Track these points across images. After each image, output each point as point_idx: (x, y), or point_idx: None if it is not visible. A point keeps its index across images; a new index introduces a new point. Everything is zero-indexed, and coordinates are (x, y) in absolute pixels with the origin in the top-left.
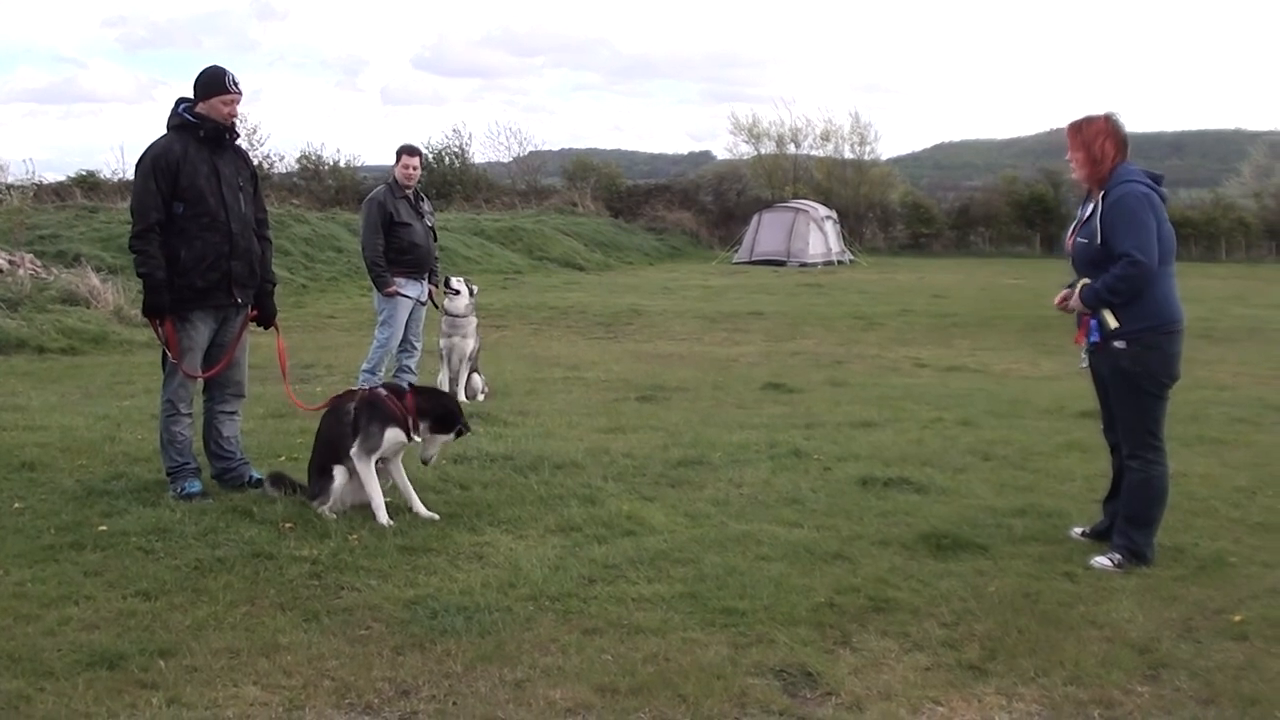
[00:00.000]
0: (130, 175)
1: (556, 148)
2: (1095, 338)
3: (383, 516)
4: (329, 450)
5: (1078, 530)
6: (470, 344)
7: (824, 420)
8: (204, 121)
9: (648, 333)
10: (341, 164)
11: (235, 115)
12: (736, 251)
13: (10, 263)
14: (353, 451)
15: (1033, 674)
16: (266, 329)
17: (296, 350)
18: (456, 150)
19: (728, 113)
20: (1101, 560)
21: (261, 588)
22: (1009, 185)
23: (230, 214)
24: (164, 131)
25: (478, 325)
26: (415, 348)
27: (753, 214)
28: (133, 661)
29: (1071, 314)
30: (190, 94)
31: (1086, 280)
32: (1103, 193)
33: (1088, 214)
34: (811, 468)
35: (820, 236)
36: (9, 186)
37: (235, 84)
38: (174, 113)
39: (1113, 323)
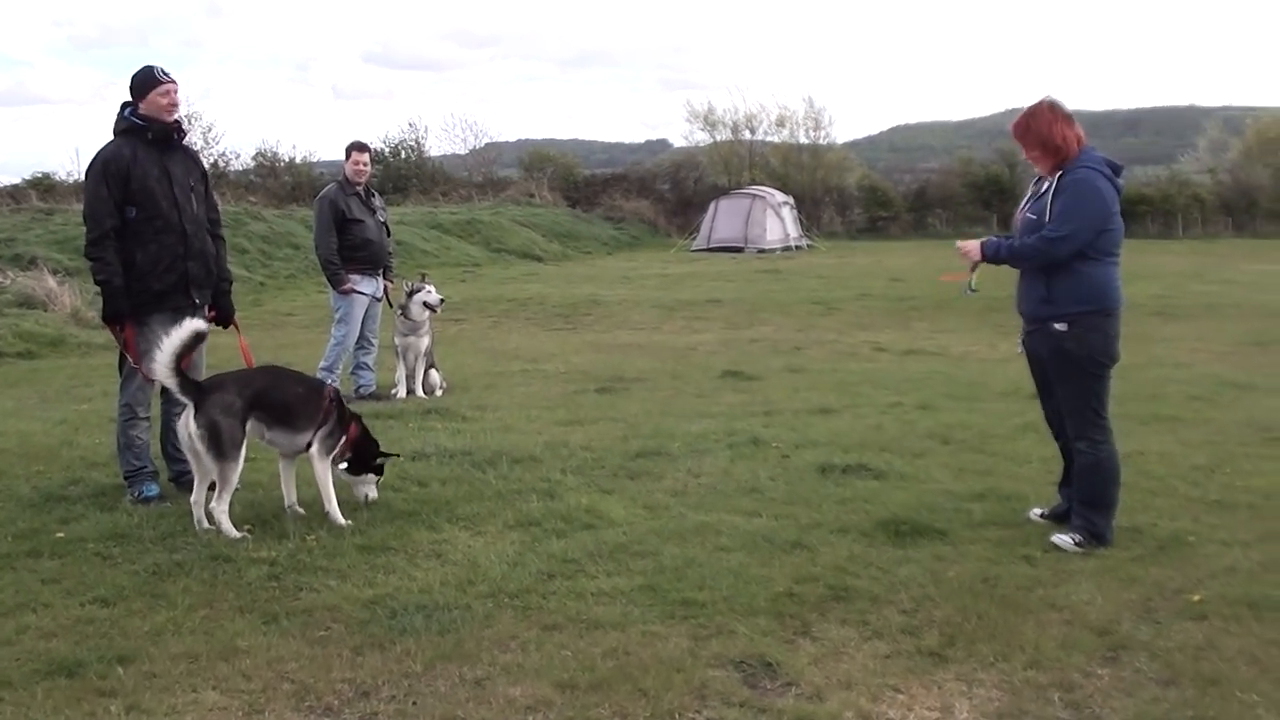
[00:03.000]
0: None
1: (513, 139)
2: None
3: (338, 516)
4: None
5: (1036, 512)
6: (426, 341)
7: (782, 407)
8: (150, 123)
9: (606, 323)
10: (297, 160)
11: (176, 105)
12: (694, 239)
13: None
14: (313, 450)
15: (992, 659)
16: (225, 328)
17: (256, 348)
18: (412, 144)
19: (682, 100)
20: (1063, 538)
21: (220, 591)
22: (965, 166)
23: (183, 215)
24: (111, 137)
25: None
26: (372, 345)
27: (710, 201)
28: (91, 669)
29: (967, 260)
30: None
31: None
32: (1061, 172)
33: (1043, 190)
34: (770, 456)
35: (778, 222)
36: None
37: (165, 73)
38: (120, 117)
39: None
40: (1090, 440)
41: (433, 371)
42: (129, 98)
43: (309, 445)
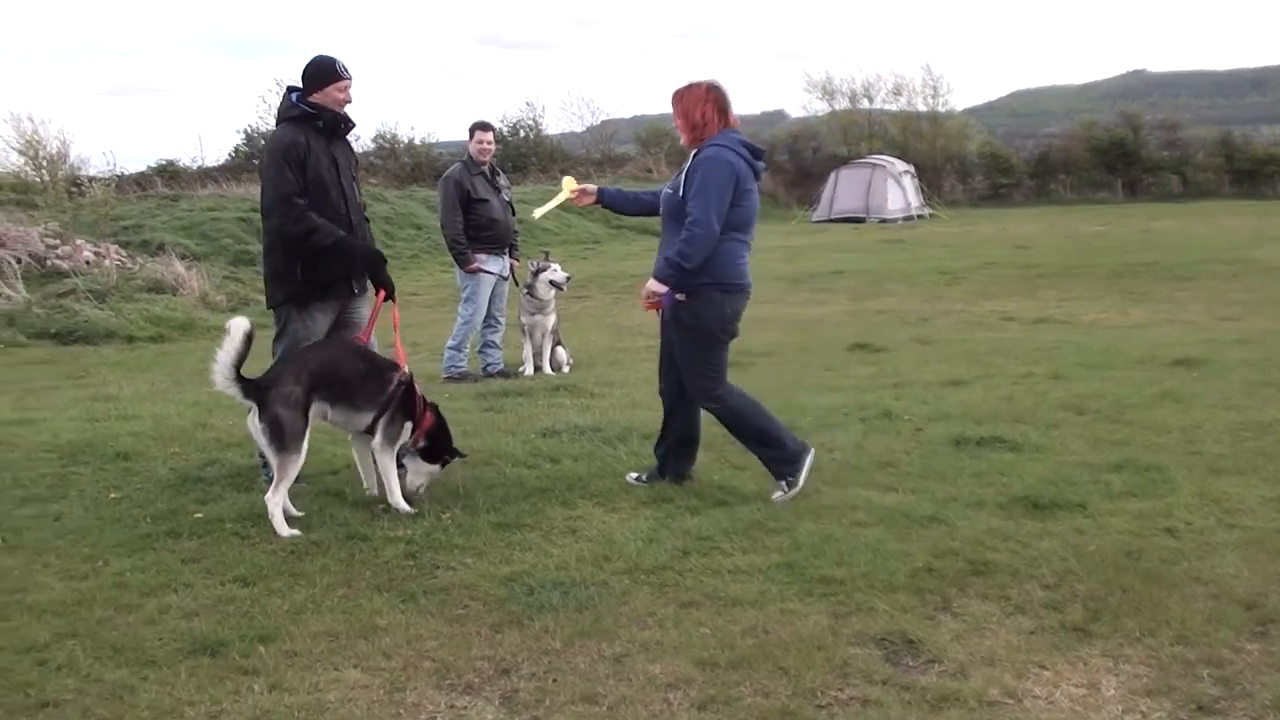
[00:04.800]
0: (208, 163)
1: (628, 115)
2: (669, 301)
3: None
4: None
5: (633, 476)
6: (552, 319)
7: (912, 380)
8: (321, 112)
9: None
10: (416, 141)
11: (350, 100)
12: (815, 210)
13: (96, 254)
14: (377, 437)
15: (1138, 634)
16: (394, 301)
17: (382, 329)
18: (530, 123)
19: (798, 70)
20: (776, 494)
21: (358, 570)
22: (1088, 131)
23: (349, 205)
24: (276, 122)
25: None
26: (499, 323)
27: (829, 171)
28: (233, 648)
29: (654, 301)
30: (299, 84)
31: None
32: (694, 152)
33: (684, 169)
34: (903, 429)
35: (899, 191)
36: (91, 179)
37: (345, 69)
38: (289, 103)
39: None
40: (714, 398)
41: (559, 349)
42: (297, 84)
43: (372, 428)
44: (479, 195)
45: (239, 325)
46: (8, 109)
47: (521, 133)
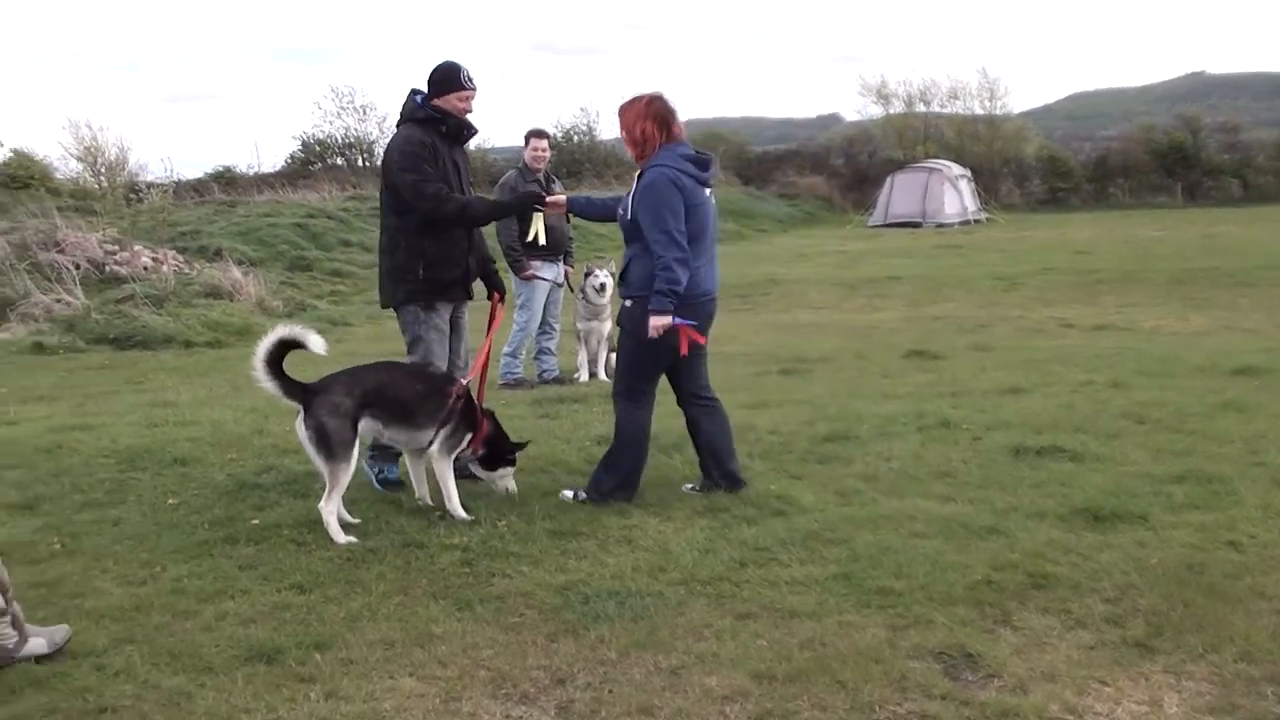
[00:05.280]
0: (265, 169)
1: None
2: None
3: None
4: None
5: (689, 486)
6: (608, 325)
7: (971, 387)
8: (446, 116)
9: (786, 302)
10: (471, 147)
11: (470, 111)
12: (871, 215)
13: (155, 260)
14: (434, 447)
15: (1201, 650)
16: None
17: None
18: (584, 128)
19: (853, 74)
20: (566, 492)
21: (414, 577)
22: (1146, 134)
23: None
24: (400, 122)
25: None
26: (554, 329)
27: (885, 176)
28: (290, 655)
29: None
30: (425, 88)
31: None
32: (639, 172)
33: (631, 190)
34: (961, 438)
35: (955, 196)
36: (149, 185)
37: (470, 79)
38: (415, 104)
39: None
40: (623, 404)
41: (614, 355)
42: (422, 86)
43: (432, 443)
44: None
45: (284, 326)
46: (67, 117)
47: (575, 138)
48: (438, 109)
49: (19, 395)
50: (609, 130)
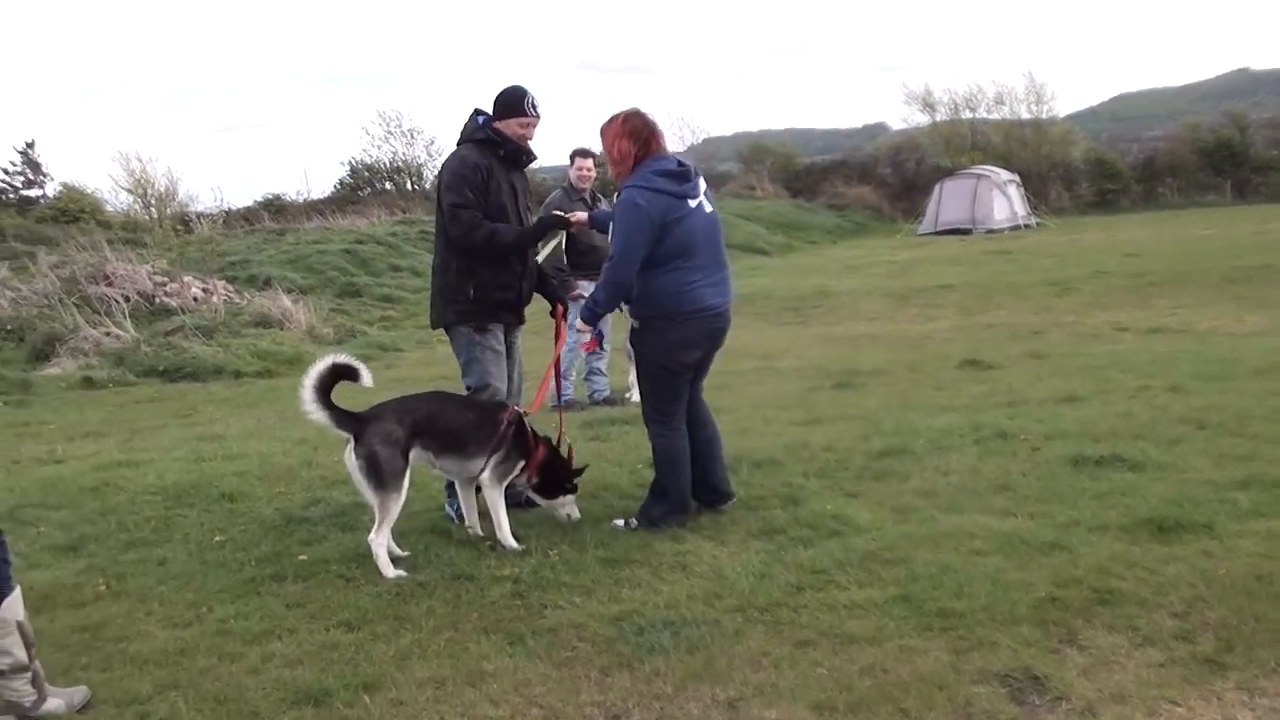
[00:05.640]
0: (314, 195)
1: (729, 133)
2: (598, 337)
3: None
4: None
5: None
6: None
7: (1027, 397)
8: (505, 141)
9: (837, 314)
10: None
11: (530, 138)
12: (920, 223)
13: (205, 290)
14: (485, 475)
15: (1274, 665)
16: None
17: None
18: None
19: (897, 82)
20: (617, 521)
21: (464, 611)
22: (1193, 133)
23: None
24: (459, 141)
25: None
26: (604, 350)
27: (934, 183)
28: (338, 697)
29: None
30: (489, 108)
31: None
32: (617, 191)
33: None
34: (1019, 450)
35: (1004, 201)
36: (199, 215)
37: (534, 107)
38: (475, 125)
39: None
40: (654, 429)
41: None
42: (486, 107)
43: (483, 471)
44: None
45: (332, 355)
46: (117, 149)
47: None
48: (497, 132)
49: (67, 431)
50: None
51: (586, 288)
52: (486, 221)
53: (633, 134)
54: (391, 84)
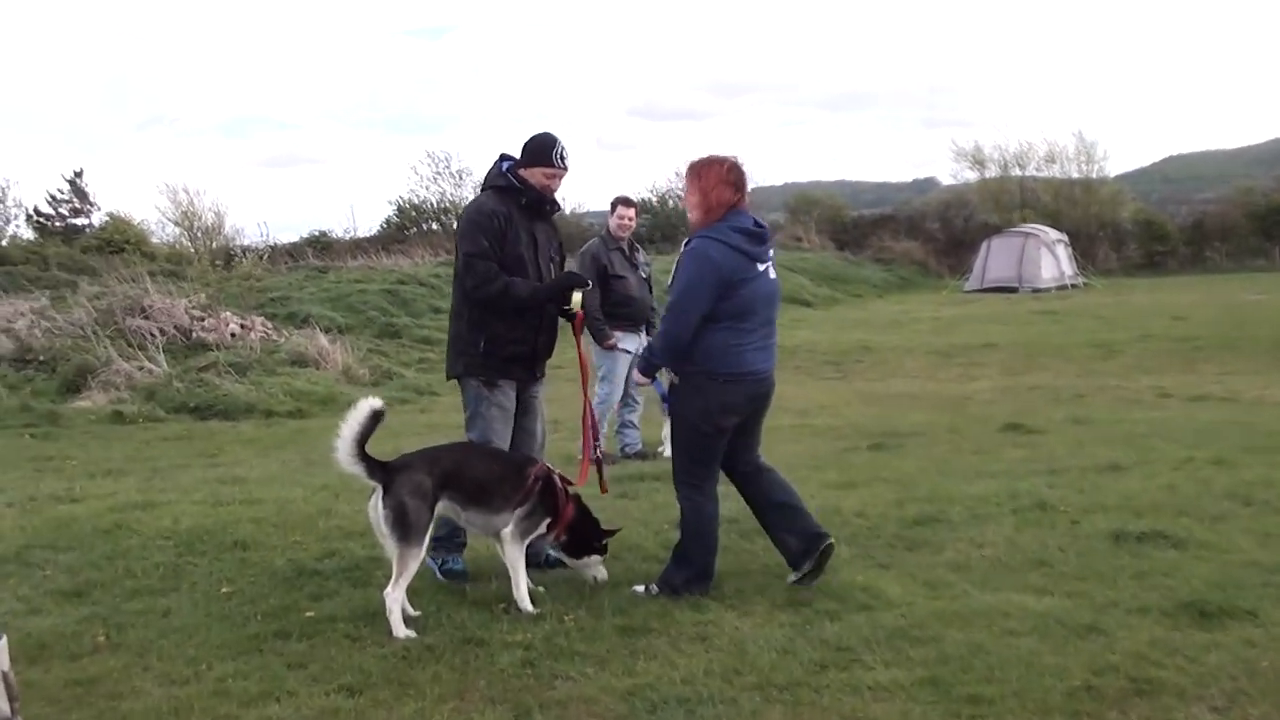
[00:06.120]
0: (360, 233)
1: (779, 183)
2: (661, 391)
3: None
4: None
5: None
6: None
7: (1068, 465)
8: (527, 189)
9: (878, 370)
10: (566, 211)
11: (554, 190)
12: (967, 280)
13: (243, 327)
14: (507, 530)
15: None
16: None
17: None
18: (680, 193)
19: (947, 138)
20: (638, 587)
21: (471, 679)
22: (1244, 196)
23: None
24: (483, 188)
25: None
26: (636, 402)
27: (981, 240)
28: None
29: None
30: (516, 153)
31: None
32: (688, 239)
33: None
34: (1058, 522)
35: (1052, 260)
36: (244, 249)
37: (562, 159)
38: (498, 171)
39: (667, 380)
40: (682, 492)
41: None
42: (513, 152)
43: (506, 525)
44: (616, 271)
45: (367, 402)
46: (164, 181)
47: (671, 203)
48: (521, 179)
49: (89, 468)
50: None
51: (621, 338)
52: (502, 274)
53: (736, 184)
54: (444, 130)
